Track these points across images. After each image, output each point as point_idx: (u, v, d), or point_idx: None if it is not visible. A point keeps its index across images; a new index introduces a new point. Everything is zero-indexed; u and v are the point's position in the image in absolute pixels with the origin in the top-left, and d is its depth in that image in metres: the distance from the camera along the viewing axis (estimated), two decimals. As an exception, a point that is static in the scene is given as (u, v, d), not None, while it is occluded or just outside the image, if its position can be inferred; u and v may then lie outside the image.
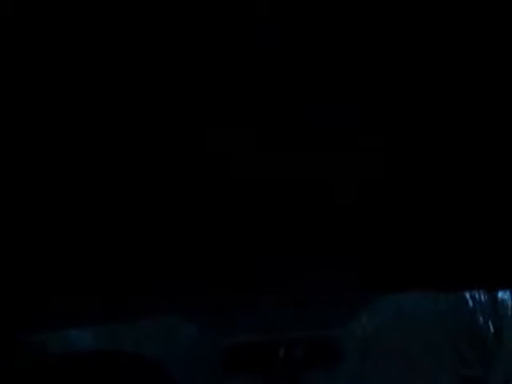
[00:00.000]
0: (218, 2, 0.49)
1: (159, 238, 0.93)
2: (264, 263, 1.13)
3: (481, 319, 7.81)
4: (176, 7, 0.49)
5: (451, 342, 7.53)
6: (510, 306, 8.11)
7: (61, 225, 0.82)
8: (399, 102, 0.65)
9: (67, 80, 0.56)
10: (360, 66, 0.60)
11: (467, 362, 7.25)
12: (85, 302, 1.12)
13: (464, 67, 0.61)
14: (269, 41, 0.54)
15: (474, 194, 0.84)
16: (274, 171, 0.76)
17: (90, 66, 0.55)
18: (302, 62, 0.59)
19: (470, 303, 7.82)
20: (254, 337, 2.85)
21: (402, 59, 0.59)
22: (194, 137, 0.68)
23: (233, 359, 2.80)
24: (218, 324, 2.90)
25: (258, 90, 0.63)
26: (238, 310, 2.56)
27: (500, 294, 7.76)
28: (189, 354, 5.94)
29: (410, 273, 1.23)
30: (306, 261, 1.16)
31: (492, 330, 7.53)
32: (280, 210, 0.87)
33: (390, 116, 0.67)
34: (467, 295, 7.77)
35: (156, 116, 0.63)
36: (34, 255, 0.88)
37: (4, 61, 0.53)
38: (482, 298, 7.80)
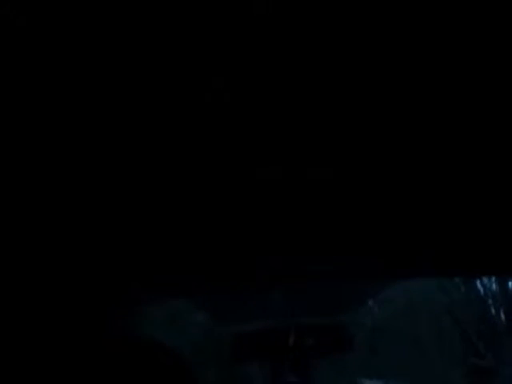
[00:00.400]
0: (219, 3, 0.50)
1: (169, 230, 0.95)
2: (272, 254, 1.14)
3: (492, 309, 7.79)
4: (175, 8, 0.50)
5: (462, 332, 7.53)
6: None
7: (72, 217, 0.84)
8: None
9: (69, 78, 0.58)
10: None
11: (478, 353, 7.25)
12: (96, 289, 1.13)
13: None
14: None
15: (480, 180, 0.85)
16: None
17: (91, 66, 0.57)
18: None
19: (482, 293, 7.81)
20: (264, 324, 2.86)
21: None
22: (197, 138, 0.69)
23: (243, 346, 2.82)
24: (229, 312, 2.92)
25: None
26: (249, 298, 2.58)
27: (511, 284, 7.74)
28: (200, 341, 5.98)
29: (419, 258, 1.23)
30: (315, 250, 1.16)
31: (503, 320, 7.52)
32: (282, 201, 0.89)
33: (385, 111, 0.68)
34: (478, 285, 7.75)
35: (155, 114, 0.64)
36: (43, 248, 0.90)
37: (7, 61, 0.54)
38: (494, 287, 7.78)
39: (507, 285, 7.58)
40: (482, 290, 7.79)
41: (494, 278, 7.66)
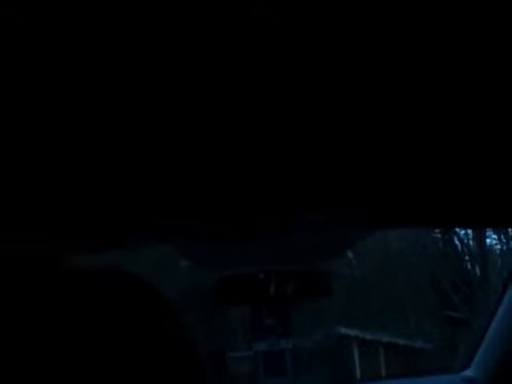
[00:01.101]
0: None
1: (156, 175, 0.96)
2: (256, 204, 1.17)
3: (468, 264, 7.95)
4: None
5: (438, 285, 7.70)
6: (497, 252, 8.26)
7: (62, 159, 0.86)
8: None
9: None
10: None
11: (453, 305, 7.44)
12: (81, 231, 1.16)
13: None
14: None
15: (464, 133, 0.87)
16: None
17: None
18: None
19: (459, 248, 7.95)
20: (245, 271, 2.96)
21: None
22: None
23: (225, 292, 2.91)
24: (212, 259, 3.00)
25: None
26: (232, 246, 2.66)
27: (488, 240, 7.89)
28: (183, 286, 6.09)
29: (397, 207, 1.24)
30: (296, 200, 1.20)
31: (479, 274, 7.67)
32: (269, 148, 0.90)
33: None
34: (456, 240, 7.90)
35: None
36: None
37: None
38: (471, 243, 7.93)
39: (484, 241, 7.73)
40: (459, 245, 7.93)
41: (471, 235, 7.81)
